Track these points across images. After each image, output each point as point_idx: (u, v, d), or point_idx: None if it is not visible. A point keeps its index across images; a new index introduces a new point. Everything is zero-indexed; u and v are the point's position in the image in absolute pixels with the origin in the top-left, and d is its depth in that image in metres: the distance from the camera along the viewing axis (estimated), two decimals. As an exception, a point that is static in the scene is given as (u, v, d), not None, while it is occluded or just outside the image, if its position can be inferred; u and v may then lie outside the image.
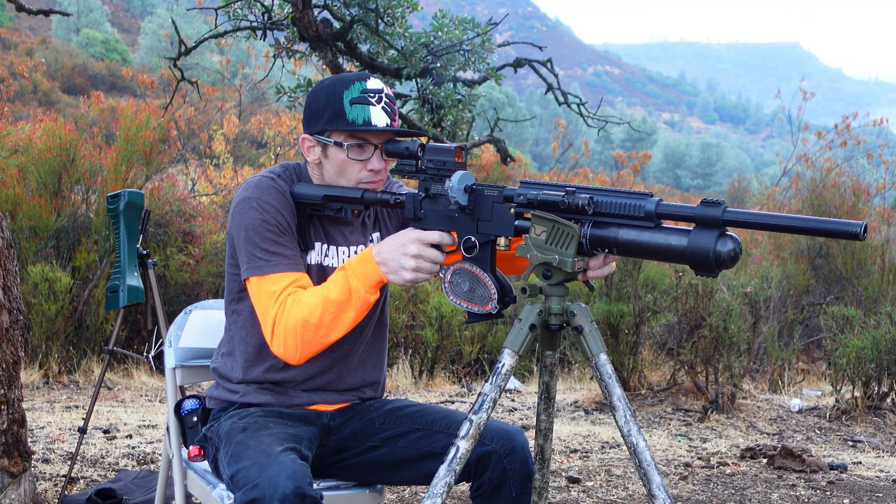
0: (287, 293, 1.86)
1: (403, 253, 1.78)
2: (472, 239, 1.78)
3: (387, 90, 1.96)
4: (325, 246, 2.02)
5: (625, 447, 4.41)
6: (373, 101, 1.91)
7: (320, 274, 1.99)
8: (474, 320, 1.79)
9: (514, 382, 6.69)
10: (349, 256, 2.04)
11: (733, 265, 1.50)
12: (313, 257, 2.00)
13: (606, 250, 1.62)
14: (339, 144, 1.92)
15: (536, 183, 1.70)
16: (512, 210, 1.74)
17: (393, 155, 1.87)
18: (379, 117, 1.91)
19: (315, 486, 1.77)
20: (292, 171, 2.03)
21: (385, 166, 1.97)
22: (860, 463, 4.28)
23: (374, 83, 1.94)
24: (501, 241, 1.77)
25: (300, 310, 1.82)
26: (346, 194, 1.94)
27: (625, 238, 1.59)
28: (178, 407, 2.13)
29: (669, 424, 5.08)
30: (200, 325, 2.32)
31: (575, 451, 4.35)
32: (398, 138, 1.94)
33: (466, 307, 1.76)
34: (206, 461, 2.04)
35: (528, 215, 1.69)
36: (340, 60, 5.38)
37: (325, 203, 1.94)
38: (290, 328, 1.83)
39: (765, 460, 4.19)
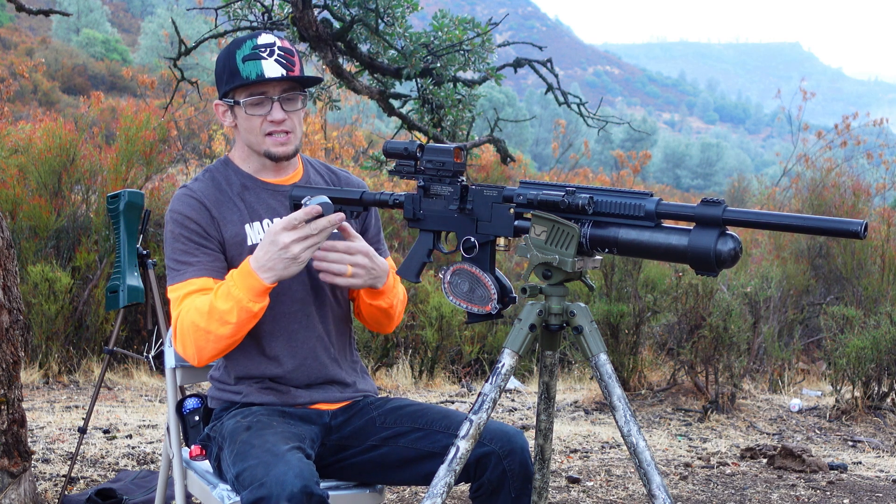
0: (188, 300, 1.92)
1: (280, 249, 1.79)
2: (472, 239, 1.78)
3: (281, 43, 1.98)
4: (269, 220, 2.04)
5: (625, 447, 4.41)
6: (264, 55, 1.95)
7: None
8: (474, 321, 1.78)
9: (514, 382, 6.69)
10: None
11: (734, 264, 1.50)
12: (254, 237, 2.02)
13: (606, 250, 1.62)
14: (237, 103, 1.97)
15: (536, 183, 1.70)
16: (511, 210, 1.74)
17: (392, 155, 1.87)
18: (272, 69, 1.95)
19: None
20: (213, 169, 2.08)
21: (289, 118, 1.99)
22: (860, 463, 4.28)
23: (265, 38, 1.98)
24: (501, 241, 1.77)
25: (192, 314, 1.88)
26: (346, 196, 1.95)
27: (625, 238, 1.59)
28: (179, 405, 2.13)
29: (669, 424, 5.08)
30: (200, 325, 2.31)
31: (575, 451, 4.35)
32: (288, 90, 1.98)
33: (466, 308, 1.76)
34: (207, 460, 2.04)
35: (528, 216, 1.69)
36: (340, 60, 5.38)
37: None
38: (185, 331, 1.89)
39: (765, 460, 4.19)
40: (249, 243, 2.00)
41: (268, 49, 1.95)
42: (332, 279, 1.93)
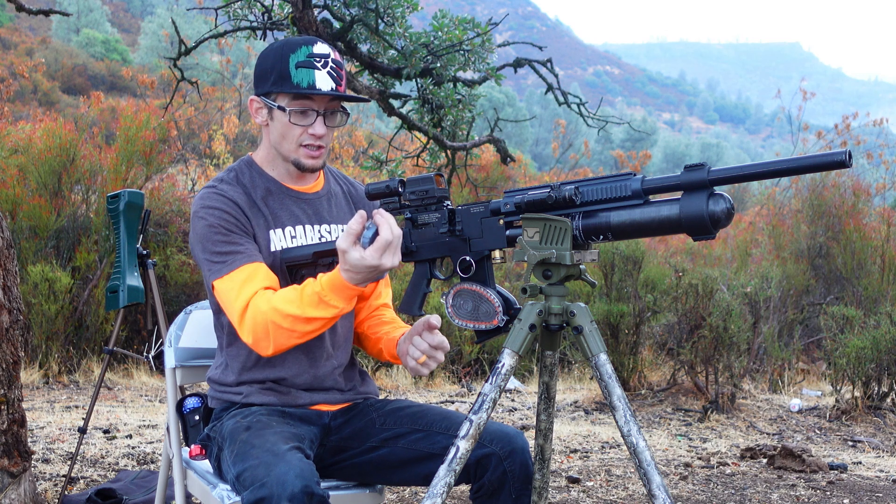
0: (251, 288, 1.86)
1: (381, 270, 1.75)
2: (468, 259, 1.77)
3: (334, 55, 1.96)
4: (291, 228, 2.02)
5: (625, 447, 4.41)
6: (318, 65, 1.92)
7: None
8: (484, 338, 1.76)
9: (514, 382, 6.69)
10: (320, 236, 2.04)
11: (729, 223, 1.50)
12: (277, 243, 1.99)
13: (602, 237, 1.62)
14: (282, 109, 1.94)
15: (519, 189, 1.70)
16: (501, 221, 1.74)
17: (374, 196, 1.87)
18: (324, 81, 1.92)
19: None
20: (237, 170, 2.04)
21: (327, 133, 1.97)
22: (860, 463, 4.29)
23: (320, 48, 1.95)
24: (496, 254, 1.77)
25: (271, 315, 1.82)
26: (335, 247, 1.93)
27: (617, 220, 1.58)
28: (179, 405, 2.13)
29: (669, 424, 5.08)
30: (200, 325, 2.31)
31: (575, 451, 4.35)
32: (343, 104, 1.98)
33: (474, 326, 1.75)
34: (207, 460, 2.04)
35: (519, 223, 1.69)
36: (340, 60, 5.37)
37: (315, 260, 1.94)
38: (261, 328, 1.83)
39: (765, 460, 4.19)
40: (273, 249, 1.98)
41: (322, 60, 1.92)
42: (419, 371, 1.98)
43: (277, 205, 2.02)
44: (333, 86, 1.93)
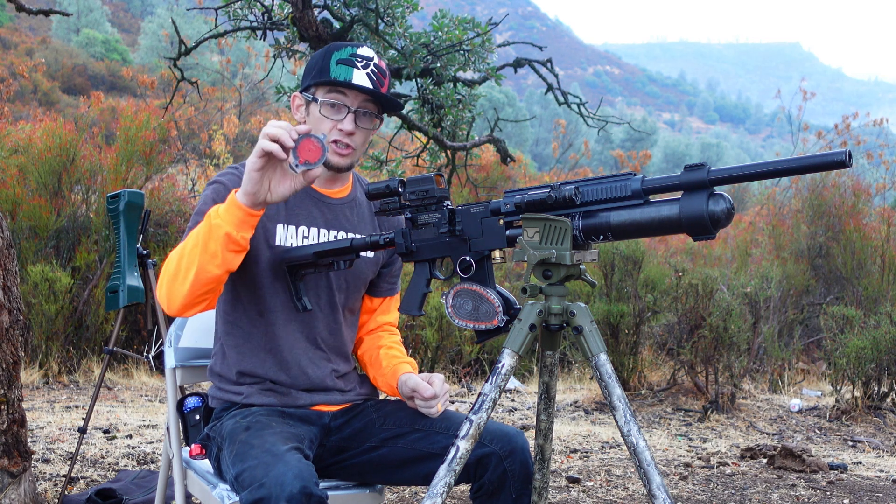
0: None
1: (251, 166, 1.70)
2: (468, 259, 1.77)
3: (378, 61, 1.98)
4: (306, 228, 2.02)
5: (625, 447, 4.42)
6: (359, 64, 1.95)
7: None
8: (484, 338, 1.76)
9: (514, 382, 6.69)
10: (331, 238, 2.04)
11: (729, 223, 1.50)
12: (284, 238, 1.98)
13: (602, 237, 1.62)
14: (315, 100, 1.96)
15: (519, 189, 1.70)
16: (501, 221, 1.74)
17: (375, 196, 1.87)
18: (361, 79, 1.94)
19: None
20: None
21: (357, 133, 1.97)
22: (860, 463, 4.29)
23: (365, 51, 1.98)
24: (496, 254, 1.77)
25: (171, 258, 1.80)
26: (335, 247, 1.93)
27: (617, 220, 1.58)
28: (180, 404, 2.13)
29: (669, 424, 5.08)
30: (200, 325, 2.31)
31: (575, 451, 4.35)
32: (367, 106, 1.97)
33: (474, 326, 1.75)
34: (207, 459, 2.04)
35: (519, 223, 1.69)
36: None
37: (316, 259, 1.93)
38: (166, 270, 1.81)
39: (765, 460, 4.19)
40: (276, 242, 1.98)
41: (364, 61, 1.95)
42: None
43: (297, 203, 2.02)
44: (370, 86, 1.94)
